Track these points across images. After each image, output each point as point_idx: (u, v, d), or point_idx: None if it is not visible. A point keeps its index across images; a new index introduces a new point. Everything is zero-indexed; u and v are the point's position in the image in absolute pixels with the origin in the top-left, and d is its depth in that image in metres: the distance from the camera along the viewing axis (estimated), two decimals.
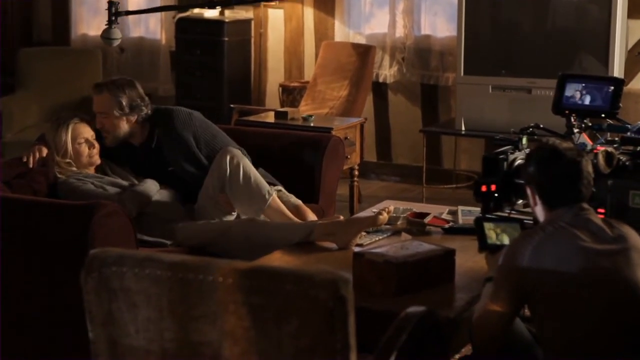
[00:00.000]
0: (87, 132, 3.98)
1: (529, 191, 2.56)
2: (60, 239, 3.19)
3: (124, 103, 3.94)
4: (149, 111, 4.02)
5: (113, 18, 3.76)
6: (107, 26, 3.82)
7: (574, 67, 5.50)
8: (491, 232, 2.83)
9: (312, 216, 3.92)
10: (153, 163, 4.02)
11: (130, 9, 7.12)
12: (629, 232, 2.50)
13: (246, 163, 3.84)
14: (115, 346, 1.97)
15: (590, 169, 2.52)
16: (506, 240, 2.80)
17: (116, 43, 3.89)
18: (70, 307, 2.64)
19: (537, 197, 2.54)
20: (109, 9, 3.80)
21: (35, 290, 3.25)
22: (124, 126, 3.98)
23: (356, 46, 6.45)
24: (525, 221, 2.92)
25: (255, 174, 3.83)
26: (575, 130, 3.13)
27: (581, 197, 2.50)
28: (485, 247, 2.86)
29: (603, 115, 3.15)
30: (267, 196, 3.79)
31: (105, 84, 4.02)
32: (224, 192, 3.82)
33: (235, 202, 3.81)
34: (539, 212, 2.56)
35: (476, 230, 2.87)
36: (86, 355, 2.05)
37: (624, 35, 5.62)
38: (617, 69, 5.47)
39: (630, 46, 5.92)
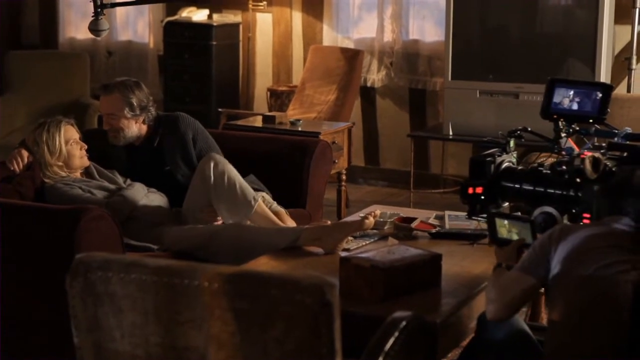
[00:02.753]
0: (75, 134, 3.99)
1: None
2: (47, 243, 3.18)
3: (134, 103, 3.98)
4: (155, 112, 4.08)
5: (99, 10, 3.77)
6: (93, 17, 3.81)
7: (561, 72, 5.52)
8: (502, 229, 2.86)
9: (291, 224, 3.92)
10: (150, 162, 4.05)
11: (118, 8, 7.14)
12: None
13: (230, 169, 3.85)
14: (101, 351, 1.97)
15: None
16: (515, 237, 2.84)
17: (104, 34, 3.89)
18: (57, 312, 2.63)
19: None
20: (94, 0, 3.80)
21: (22, 294, 3.24)
22: (133, 126, 4.02)
23: (344, 50, 6.46)
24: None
25: (240, 180, 3.85)
26: (563, 135, 3.14)
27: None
28: (495, 240, 2.89)
29: (591, 121, 3.16)
30: (252, 202, 3.80)
31: (115, 84, 4.04)
32: (208, 206, 3.83)
33: (220, 208, 3.82)
34: None
35: (487, 223, 2.91)
36: None
37: (610, 41, 5.64)
38: (604, 75, 5.49)
39: (617, 52, 5.94)
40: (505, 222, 2.87)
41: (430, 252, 3.02)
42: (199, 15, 7.06)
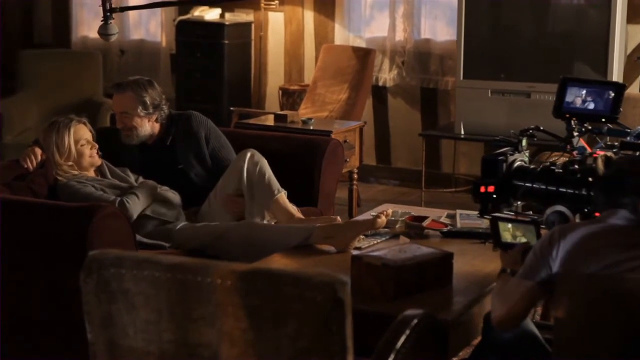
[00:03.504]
0: (87, 133, 4.00)
1: None
2: (60, 241, 3.19)
3: (147, 102, 4.00)
4: (167, 111, 4.10)
5: (108, 14, 3.79)
6: (102, 22, 3.83)
7: (573, 71, 5.51)
8: (506, 233, 2.84)
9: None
10: (162, 161, 4.07)
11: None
12: None
13: (265, 163, 3.93)
14: (114, 347, 1.98)
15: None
16: (519, 240, 2.82)
17: (113, 38, 3.91)
18: (70, 309, 2.65)
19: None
20: (103, 4, 3.82)
21: (35, 291, 3.26)
22: (146, 125, 4.05)
23: (356, 49, 6.46)
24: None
25: (270, 173, 3.91)
26: (575, 134, 3.13)
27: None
28: (499, 245, 2.87)
29: (604, 120, 3.16)
30: (276, 192, 3.85)
31: (128, 83, 4.07)
32: (234, 194, 3.87)
33: (245, 194, 3.85)
34: None
35: (491, 228, 2.89)
36: (85, 357, 2.05)
37: (623, 41, 5.63)
38: (616, 74, 5.48)
39: (629, 51, 5.93)
40: (509, 225, 2.84)
41: (442, 251, 3.03)
42: (211, 14, 7.07)
